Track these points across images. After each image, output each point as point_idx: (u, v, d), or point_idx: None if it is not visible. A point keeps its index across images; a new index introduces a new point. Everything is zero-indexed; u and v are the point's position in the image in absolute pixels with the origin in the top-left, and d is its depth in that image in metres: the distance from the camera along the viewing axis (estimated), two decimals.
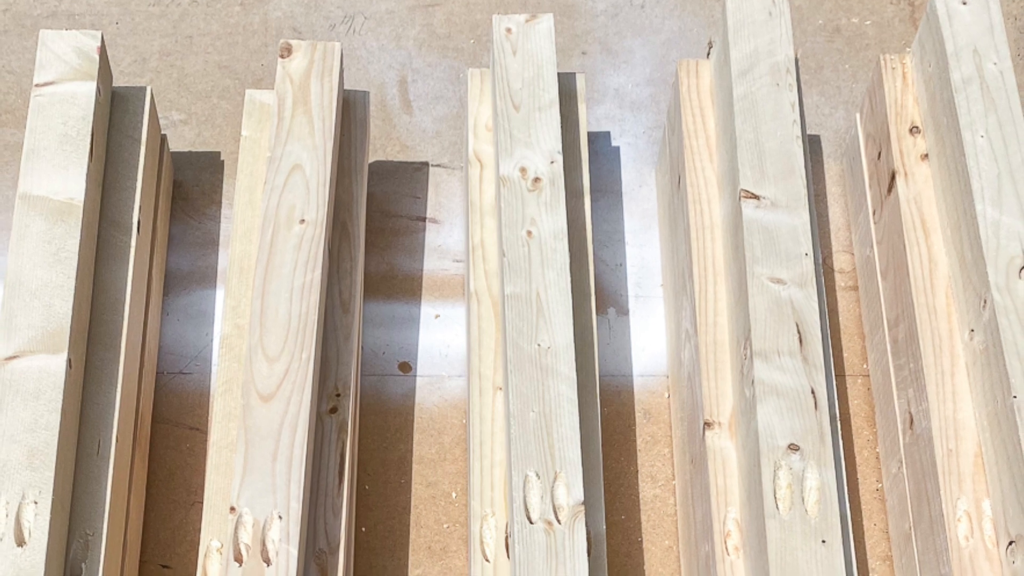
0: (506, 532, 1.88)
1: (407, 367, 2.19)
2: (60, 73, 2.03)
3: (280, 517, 1.77)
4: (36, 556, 1.71)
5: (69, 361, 1.84)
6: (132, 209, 2.05)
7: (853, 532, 1.98)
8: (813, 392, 1.82)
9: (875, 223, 2.17)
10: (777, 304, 1.87)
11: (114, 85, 2.19)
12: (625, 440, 2.15)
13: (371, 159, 2.36)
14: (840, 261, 2.28)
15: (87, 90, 2.02)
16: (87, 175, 1.96)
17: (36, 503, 1.74)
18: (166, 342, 2.19)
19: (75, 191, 1.94)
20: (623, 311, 2.25)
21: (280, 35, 2.48)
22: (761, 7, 2.09)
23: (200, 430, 2.13)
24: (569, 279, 1.93)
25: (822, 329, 1.92)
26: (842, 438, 2.08)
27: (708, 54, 2.21)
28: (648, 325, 2.24)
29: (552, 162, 2.02)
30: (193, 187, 2.33)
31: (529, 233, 1.96)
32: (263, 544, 1.75)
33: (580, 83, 2.21)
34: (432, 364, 2.20)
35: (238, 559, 1.75)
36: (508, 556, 1.85)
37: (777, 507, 1.74)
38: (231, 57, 2.46)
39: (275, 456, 1.80)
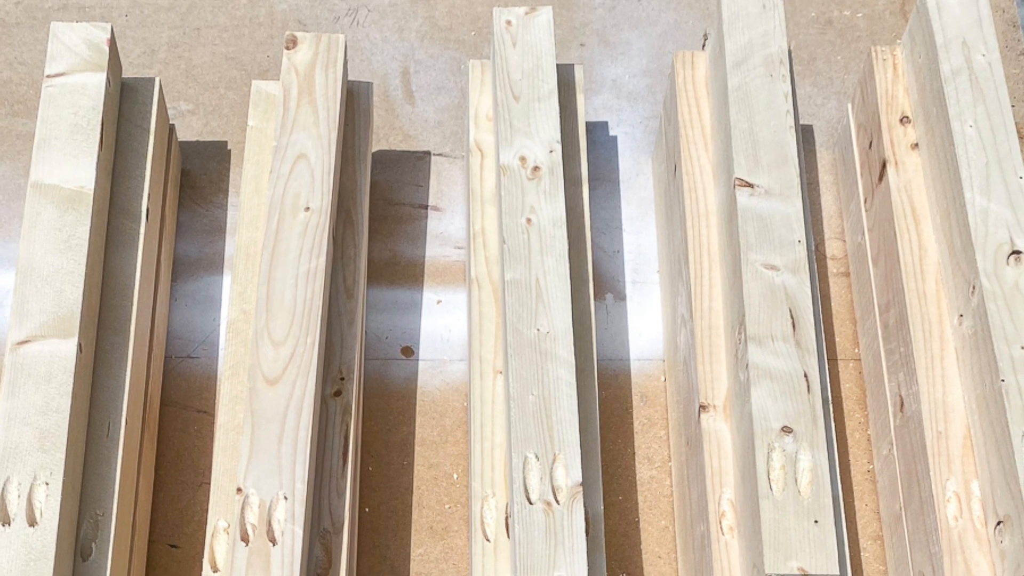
0: (506, 512, 1.88)
1: (409, 351, 2.20)
2: (71, 64, 2.04)
3: (286, 498, 1.77)
4: (47, 536, 1.71)
5: (79, 345, 1.84)
6: (141, 197, 2.05)
7: (845, 512, 1.98)
8: (806, 376, 1.81)
9: (866, 211, 2.17)
10: (771, 290, 1.87)
11: (123, 76, 2.19)
12: (622, 423, 2.15)
13: (374, 148, 2.36)
14: (832, 248, 2.29)
15: (97, 81, 2.02)
16: (97, 164, 1.96)
17: (47, 484, 1.74)
18: (174, 327, 2.20)
19: (85, 179, 1.94)
20: (620, 297, 2.26)
21: (285, 27, 2.48)
22: (755, 0, 2.09)
23: (207, 413, 2.14)
24: (568, 265, 1.93)
25: (815, 314, 1.91)
26: (834, 421, 2.09)
27: (703, 46, 2.20)
28: (645, 310, 2.25)
29: (551, 151, 2.02)
30: (201, 176, 2.34)
31: (529, 221, 1.96)
32: (269, 524, 1.76)
33: (578, 74, 2.21)
34: (434, 348, 2.20)
35: (244, 539, 1.75)
36: (508, 536, 1.86)
37: (771, 488, 1.74)
38: (238, 49, 2.48)
39: (281, 438, 1.80)
